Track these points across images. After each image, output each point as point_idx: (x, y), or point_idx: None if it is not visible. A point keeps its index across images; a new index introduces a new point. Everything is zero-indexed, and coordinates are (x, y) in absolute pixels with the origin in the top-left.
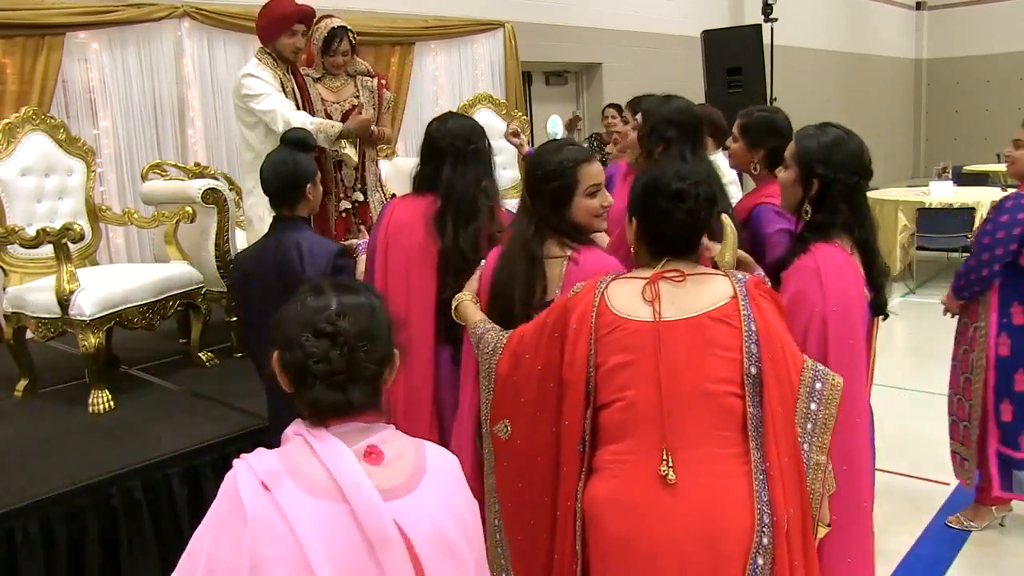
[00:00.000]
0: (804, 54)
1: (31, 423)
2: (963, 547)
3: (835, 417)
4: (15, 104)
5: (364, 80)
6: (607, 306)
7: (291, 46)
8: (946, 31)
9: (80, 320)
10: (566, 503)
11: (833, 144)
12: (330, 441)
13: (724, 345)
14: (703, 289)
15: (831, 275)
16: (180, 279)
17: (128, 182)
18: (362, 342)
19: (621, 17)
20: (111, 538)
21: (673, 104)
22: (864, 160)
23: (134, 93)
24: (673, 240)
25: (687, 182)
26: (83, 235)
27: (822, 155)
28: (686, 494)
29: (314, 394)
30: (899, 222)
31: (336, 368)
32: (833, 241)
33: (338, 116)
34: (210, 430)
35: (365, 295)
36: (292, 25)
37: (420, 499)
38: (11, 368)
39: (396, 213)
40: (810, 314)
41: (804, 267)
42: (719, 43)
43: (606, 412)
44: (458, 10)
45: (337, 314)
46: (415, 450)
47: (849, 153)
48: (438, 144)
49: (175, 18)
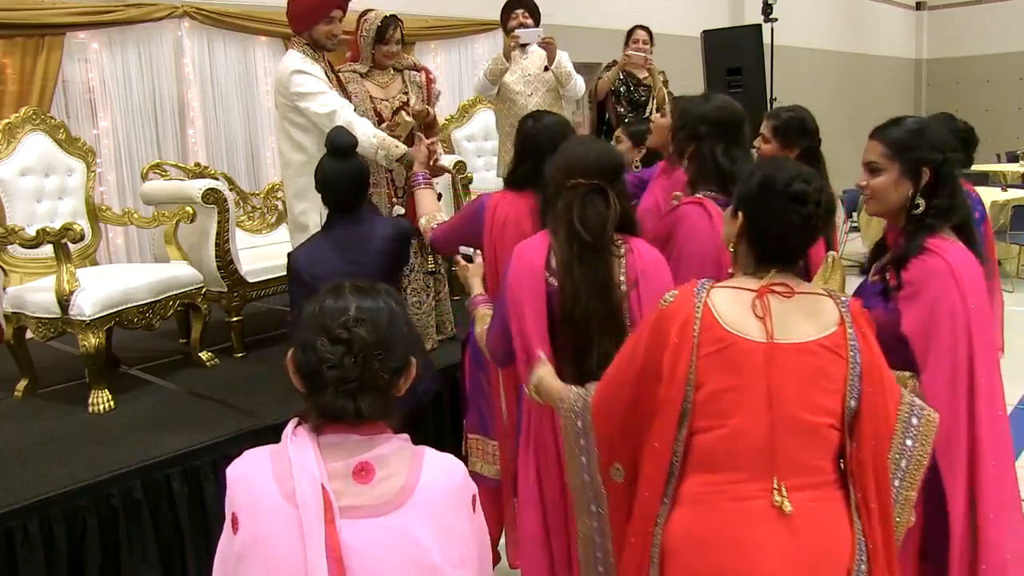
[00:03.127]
0: (804, 54)
1: (31, 423)
2: None
3: (929, 455)
4: (15, 104)
5: (411, 75)
6: (714, 318)
7: (328, 33)
8: (946, 31)
9: (80, 320)
10: (644, 533)
11: (920, 126)
12: (306, 456)
13: (832, 376)
14: (811, 310)
15: (963, 272)
16: (180, 279)
17: (128, 182)
18: (377, 351)
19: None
20: (111, 538)
21: (711, 102)
22: (947, 132)
23: (134, 93)
24: (782, 246)
25: (811, 185)
26: (83, 235)
27: (920, 140)
28: (797, 524)
29: (324, 399)
30: None
31: (349, 376)
32: (939, 233)
33: (388, 113)
34: (210, 430)
35: (384, 300)
36: (330, 11)
37: (397, 520)
38: (11, 368)
39: (499, 210)
40: (954, 323)
41: (935, 270)
42: (719, 43)
43: (701, 438)
44: (458, 10)
45: (355, 321)
46: (411, 466)
47: (936, 130)
48: (535, 141)
49: (175, 18)
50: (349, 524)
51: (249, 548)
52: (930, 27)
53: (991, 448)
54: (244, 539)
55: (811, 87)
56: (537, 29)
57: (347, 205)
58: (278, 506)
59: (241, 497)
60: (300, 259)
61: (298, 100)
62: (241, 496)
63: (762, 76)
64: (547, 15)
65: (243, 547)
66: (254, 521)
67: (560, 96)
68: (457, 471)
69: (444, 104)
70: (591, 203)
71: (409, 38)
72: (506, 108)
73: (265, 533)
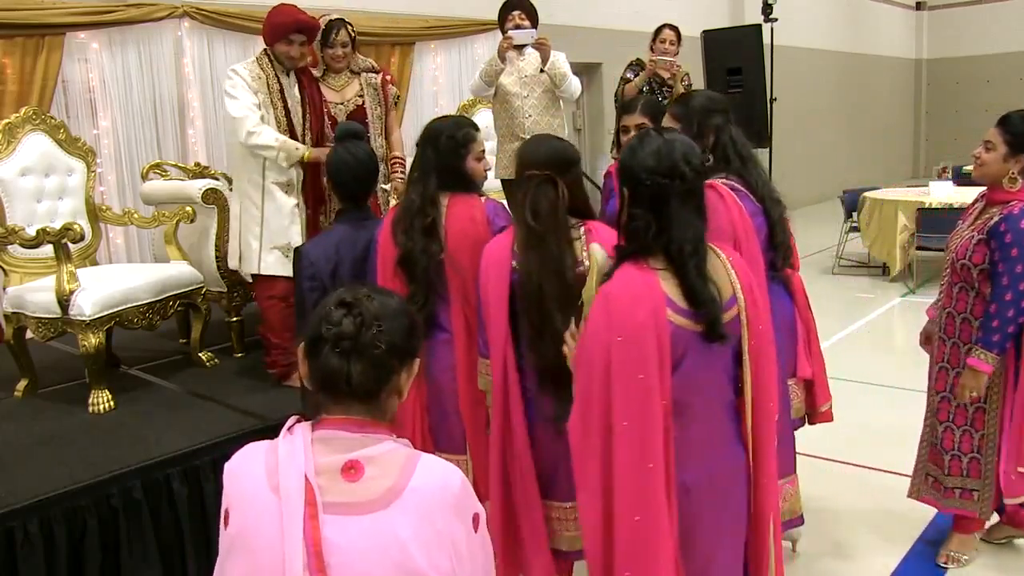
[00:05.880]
0: (804, 54)
1: (31, 423)
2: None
3: None
4: (15, 104)
5: (369, 77)
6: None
7: (286, 54)
8: (946, 31)
9: (80, 320)
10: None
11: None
12: (295, 448)
13: None
14: None
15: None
16: (180, 279)
17: (128, 182)
18: (378, 321)
19: (621, 17)
20: (111, 538)
21: (700, 94)
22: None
23: (134, 93)
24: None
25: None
26: (83, 235)
27: None
28: None
29: (319, 363)
30: (899, 222)
31: (345, 334)
32: None
33: (342, 117)
34: (210, 430)
35: (391, 297)
36: (289, 34)
37: (383, 521)
38: (11, 368)
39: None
40: None
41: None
42: (719, 43)
43: None
44: (458, 10)
45: (365, 296)
46: (403, 469)
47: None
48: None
49: (175, 18)
50: (332, 520)
51: (236, 541)
52: (930, 27)
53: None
54: (232, 532)
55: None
56: (531, 30)
57: (353, 195)
58: (264, 498)
59: (232, 491)
60: (308, 254)
61: (224, 96)
62: (232, 490)
63: (762, 76)
64: (546, 15)
65: (231, 540)
66: (241, 514)
67: (557, 97)
68: (453, 478)
69: (444, 104)
70: (543, 192)
71: (409, 38)
72: (502, 109)
73: (250, 525)
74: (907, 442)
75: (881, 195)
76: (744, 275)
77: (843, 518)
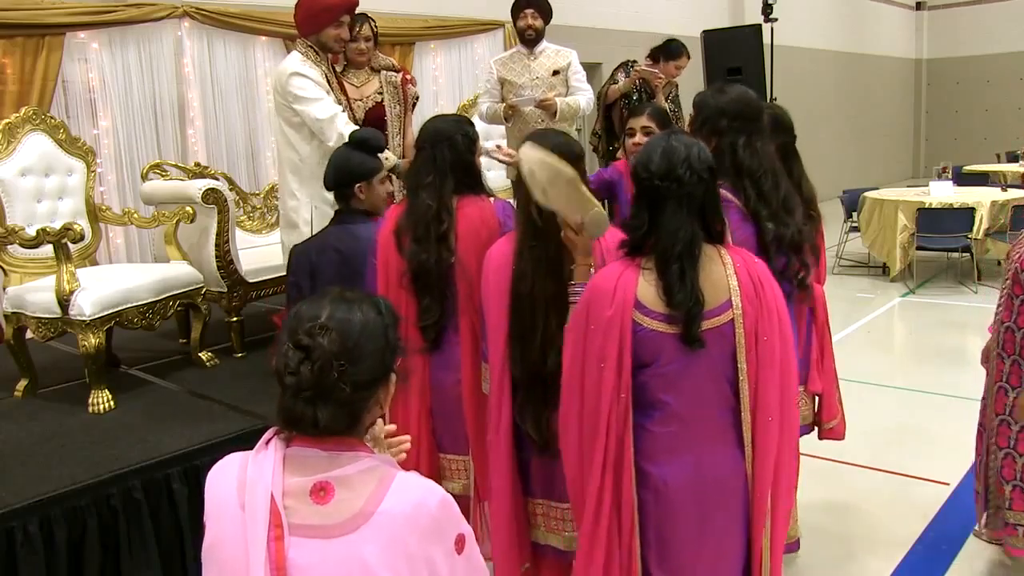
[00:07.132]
0: (804, 54)
1: (31, 423)
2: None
3: None
4: (15, 104)
5: (388, 75)
6: None
7: (337, 36)
8: (946, 31)
9: (80, 320)
10: None
11: None
12: (264, 466)
13: None
14: None
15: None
16: (180, 279)
17: (128, 182)
18: (340, 361)
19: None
20: (111, 538)
21: (728, 93)
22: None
23: (134, 93)
24: None
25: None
26: (83, 235)
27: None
28: None
29: (284, 402)
30: (899, 222)
31: (304, 384)
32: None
33: (361, 114)
34: (210, 430)
35: (364, 310)
36: (339, 16)
37: (351, 544)
38: (11, 368)
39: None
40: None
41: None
42: (719, 43)
43: None
44: (458, 10)
45: (320, 328)
46: (376, 490)
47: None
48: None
49: (175, 18)
50: (299, 543)
51: (208, 552)
52: (930, 27)
53: None
54: (207, 543)
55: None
56: (531, 95)
57: (334, 192)
58: (233, 513)
59: (208, 502)
60: (299, 256)
61: (295, 103)
62: (208, 501)
63: (762, 76)
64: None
65: (206, 551)
66: (216, 525)
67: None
68: (429, 499)
69: (444, 104)
70: None
71: (409, 38)
72: (515, 113)
73: (221, 538)
74: (907, 442)
75: (881, 195)
76: (748, 282)
77: (843, 518)
